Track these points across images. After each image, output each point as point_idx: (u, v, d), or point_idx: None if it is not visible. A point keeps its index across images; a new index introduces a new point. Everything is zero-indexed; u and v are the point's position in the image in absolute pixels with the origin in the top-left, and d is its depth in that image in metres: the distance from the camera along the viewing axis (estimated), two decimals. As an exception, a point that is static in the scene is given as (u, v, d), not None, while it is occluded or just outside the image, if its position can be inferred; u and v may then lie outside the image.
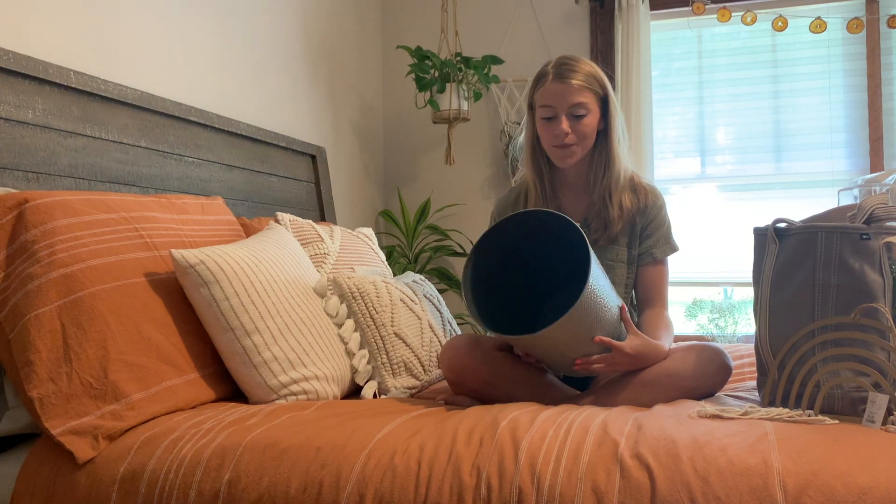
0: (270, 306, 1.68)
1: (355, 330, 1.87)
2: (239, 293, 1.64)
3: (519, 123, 3.55)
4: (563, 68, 1.77)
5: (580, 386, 1.79)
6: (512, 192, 1.98)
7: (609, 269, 1.85)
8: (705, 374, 1.61)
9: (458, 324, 2.93)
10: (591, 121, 1.79)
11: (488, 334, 1.87)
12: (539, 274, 1.76)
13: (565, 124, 1.75)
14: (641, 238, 1.87)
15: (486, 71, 3.31)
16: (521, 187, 1.97)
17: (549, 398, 1.65)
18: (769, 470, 1.11)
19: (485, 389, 1.67)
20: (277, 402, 1.61)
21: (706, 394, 1.64)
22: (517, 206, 1.94)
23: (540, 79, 1.81)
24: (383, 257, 2.56)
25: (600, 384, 1.70)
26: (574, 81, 1.75)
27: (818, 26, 3.20)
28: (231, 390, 1.67)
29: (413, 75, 3.32)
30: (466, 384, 1.69)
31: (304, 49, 3.10)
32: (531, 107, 1.85)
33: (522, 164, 1.96)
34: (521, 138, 3.33)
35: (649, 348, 1.61)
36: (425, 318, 2.02)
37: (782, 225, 1.52)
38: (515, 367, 1.69)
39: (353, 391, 1.86)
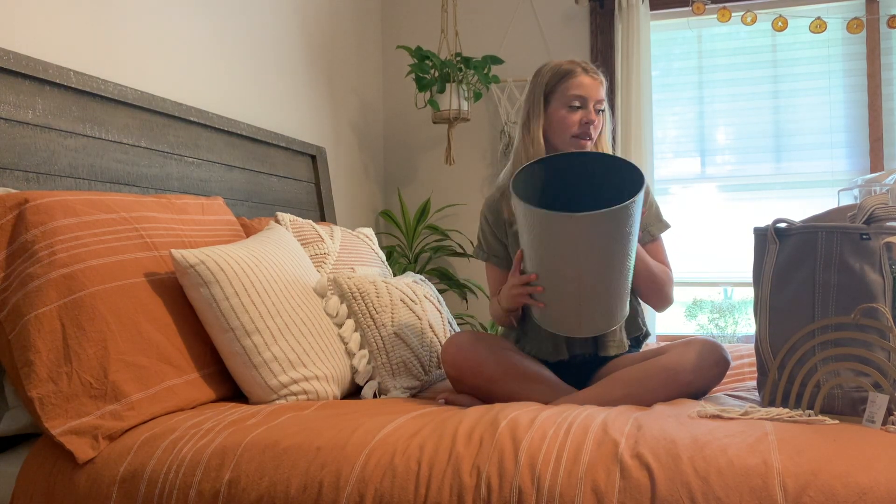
0: (270, 306, 1.68)
1: (355, 330, 1.87)
2: (239, 293, 1.64)
3: (518, 123, 3.54)
4: (589, 67, 1.92)
5: (580, 385, 1.79)
6: (498, 190, 1.99)
7: None
8: (703, 368, 1.64)
9: (458, 324, 2.93)
10: (603, 119, 1.94)
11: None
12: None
13: (594, 115, 1.89)
14: None
15: (486, 71, 3.31)
16: (507, 184, 1.98)
17: (550, 395, 1.67)
18: (769, 470, 1.11)
19: (486, 386, 1.70)
20: (277, 402, 1.61)
21: (705, 388, 1.66)
22: (504, 202, 1.94)
23: (568, 72, 1.91)
24: (383, 257, 2.56)
25: (600, 380, 1.71)
26: (601, 80, 1.91)
27: (818, 26, 3.20)
28: (231, 390, 1.67)
29: (413, 75, 3.32)
30: (468, 381, 1.71)
31: (304, 49, 3.10)
32: (546, 99, 1.92)
33: (517, 153, 1.98)
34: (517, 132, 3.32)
35: None
36: (425, 318, 2.02)
37: (782, 225, 1.52)
38: (517, 364, 1.73)
39: (353, 391, 1.86)
